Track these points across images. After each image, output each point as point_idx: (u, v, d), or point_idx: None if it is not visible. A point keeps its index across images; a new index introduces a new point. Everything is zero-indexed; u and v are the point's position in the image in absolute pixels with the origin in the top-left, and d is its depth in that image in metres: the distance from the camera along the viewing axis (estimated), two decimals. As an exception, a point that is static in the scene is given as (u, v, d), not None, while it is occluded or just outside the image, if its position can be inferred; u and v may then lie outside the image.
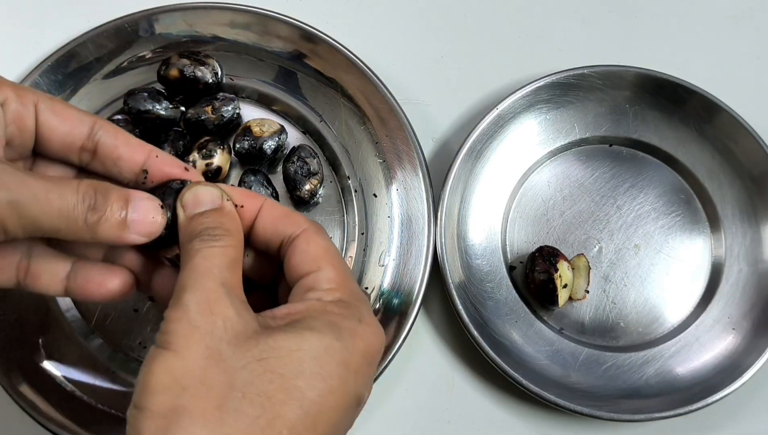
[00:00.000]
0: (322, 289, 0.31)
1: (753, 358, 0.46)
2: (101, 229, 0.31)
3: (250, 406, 0.27)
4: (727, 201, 0.51)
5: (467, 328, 0.46)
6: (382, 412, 0.48)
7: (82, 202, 0.30)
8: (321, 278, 0.32)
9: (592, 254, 0.51)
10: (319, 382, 0.28)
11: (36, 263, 0.33)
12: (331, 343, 0.29)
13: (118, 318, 0.48)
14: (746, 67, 0.56)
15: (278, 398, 0.27)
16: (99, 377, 0.47)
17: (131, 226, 0.31)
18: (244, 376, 0.27)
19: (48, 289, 0.34)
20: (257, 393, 0.27)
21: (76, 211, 0.30)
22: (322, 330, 0.29)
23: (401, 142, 0.50)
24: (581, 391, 0.47)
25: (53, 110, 0.33)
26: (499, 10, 0.57)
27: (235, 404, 0.27)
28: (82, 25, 0.53)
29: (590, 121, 0.53)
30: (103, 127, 0.33)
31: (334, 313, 0.30)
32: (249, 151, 0.49)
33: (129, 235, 0.31)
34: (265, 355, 0.28)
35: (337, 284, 0.32)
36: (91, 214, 0.30)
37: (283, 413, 0.27)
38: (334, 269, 0.32)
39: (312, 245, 0.32)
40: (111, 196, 0.31)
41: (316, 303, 0.31)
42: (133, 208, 0.31)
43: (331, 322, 0.30)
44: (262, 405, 0.27)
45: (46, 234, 0.30)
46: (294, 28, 0.52)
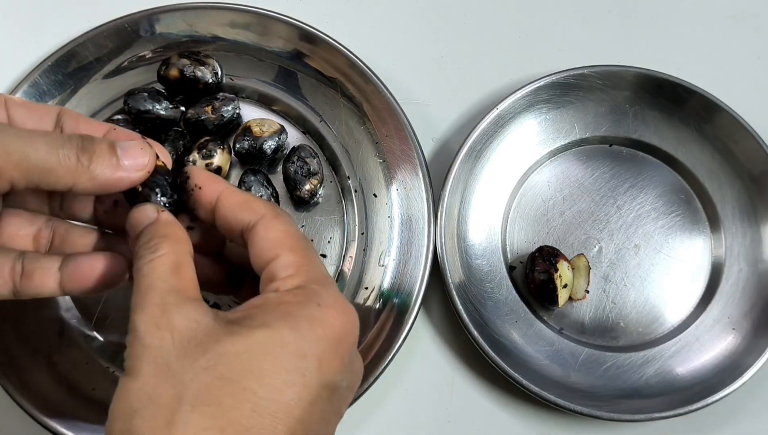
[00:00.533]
0: (280, 277, 0.30)
1: (753, 358, 0.46)
2: (95, 167, 0.30)
3: (199, 418, 0.26)
4: (727, 201, 0.51)
5: (467, 328, 0.46)
6: (382, 412, 0.48)
7: (69, 142, 0.30)
8: (278, 266, 0.31)
9: (592, 254, 0.51)
10: (272, 378, 0.27)
11: (28, 263, 0.33)
12: (284, 336, 0.28)
13: (118, 318, 0.48)
14: (746, 67, 0.56)
15: (228, 404, 0.26)
16: (99, 377, 0.47)
17: (123, 163, 0.31)
18: (193, 389, 0.26)
19: (43, 285, 0.33)
20: (206, 403, 0.26)
21: (65, 148, 0.30)
22: (273, 324, 0.28)
23: (401, 142, 0.50)
24: (581, 391, 0.47)
25: (22, 105, 0.33)
26: (499, 10, 0.57)
27: (184, 419, 0.26)
28: (82, 25, 0.53)
29: (590, 121, 0.53)
30: (66, 113, 0.34)
31: (290, 303, 0.29)
32: (249, 151, 0.49)
33: (123, 171, 0.31)
34: (213, 362, 0.27)
35: (295, 269, 0.30)
36: (82, 153, 0.30)
37: (234, 419, 0.26)
38: (293, 253, 0.31)
39: (270, 231, 0.31)
40: (95, 139, 0.31)
41: (272, 295, 0.30)
42: (121, 149, 0.31)
43: (286, 312, 0.29)
44: (212, 415, 0.26)
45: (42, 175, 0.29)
46: (294, 28, 0.52)
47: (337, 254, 0.50)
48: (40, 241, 0.35)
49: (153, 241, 0.30)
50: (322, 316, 0.29)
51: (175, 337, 0.27)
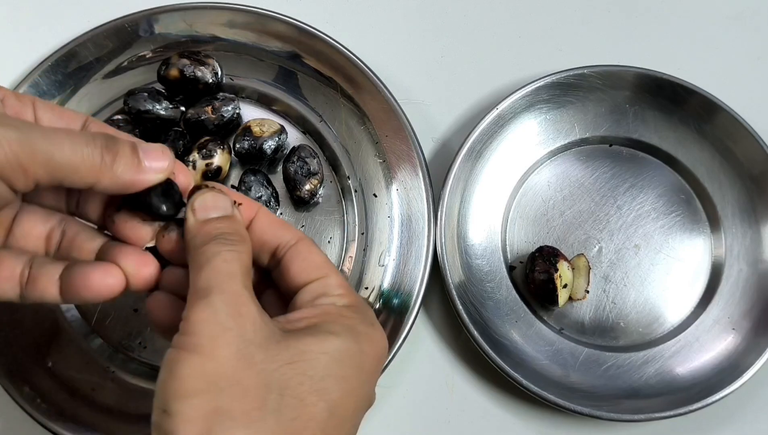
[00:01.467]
0: (333, 294, 0.32)
1: (753, 358, 0.46)
2: (118, 167, 0.31)
3: (287, 408, 0.28)
4: (727, 201, 0.51)
5: (467, 328, 0.46)
6: (382, 412, 0.48)
7: (93, 141, 0.30)
8: (330, 284, 0.32)
9: (592, 254, 0.51)
10: (342, 383, 0.29)
11: (35, 269, 0.33)
12: (351, 347, 0.30)
13: (118, 318, 0.48)
14: (746, 67, 0.56)
15: (310, 400, 0.28)
16: (99, 377, 0.47)
17: (145, 164, 0.31)
18: (278, 379, 0.28)
19: (44, 293, 0.33)
20: (292, 395, 0.28)
21: (89, 147, 0.30)
22: (341, 334, 0.30)
23: (401, 142, 0.50)
24: (581, 391, 0.47)
25: (50, 108, 0.33)
26: (499, 10, 0.57)
27: (275, 405, 0.27)
28: (82, 25, 0.53)
29: (590, 121, 0.53)
30: (93, 122, 0.34)
31: (351, 317, 0.31)
32: (249, 151, 0.49)
33: (144, 173, 0.31)
34: (296, 358, 0.28)
35: (345, 290, 0.33)
36: (106, 152, 0.30)
37: (315, 414, 0.28)
38: (338, 277, 0.33)
39: (314, 254, 0.33)
40: (119, 139, 0.32)
41: (331, 307, 0.32)
42: (142, 150, 0.32)
43: (349, 326, 0.31)
44: (297, 407, 0.28)
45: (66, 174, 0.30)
46: (294, 27, 0.52)
47: (337, 254, 0.50)
48: (51, 242, 0.35)
49: (234, 236, 0.31)
50: (376, 336, 0.32)
51: (256, 328, 0.28)
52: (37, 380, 0.46)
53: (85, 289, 0.33)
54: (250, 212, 0.34)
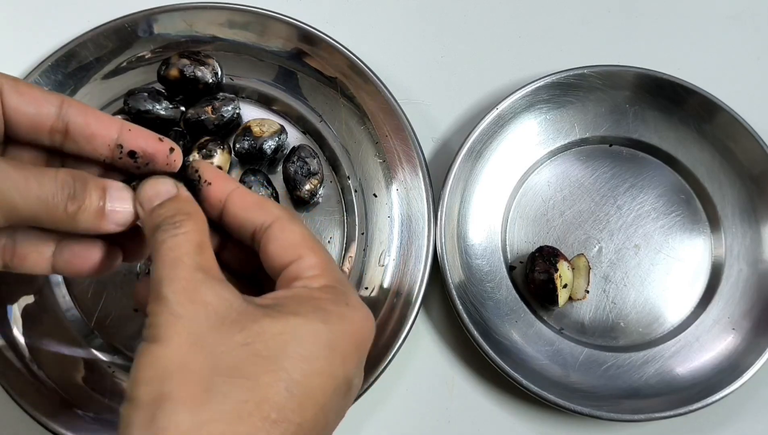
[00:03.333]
0: (306, 276, 0.31)
1: (753, 358, 0.46)
2: (80, 218, 0.31)
3: (236, 390, 0.27)
4: (727, 201, 0.51)
5: (467, 328, 0.46)
6: (382, 412, 0.48)
7: (61, 190, 0.30)
8: (303, 266, 0.31)
9: (592, 254, 0.51)
10: (304, 363, 0.28)
11: (21, 245, 0.33)
12: (318, 327, 0.29)
13: (118, 318, 0.48)
14: (746, 67, 0.56)
15: (264, 381, 0.27)
16: (99, 377, 0.47)
17: (108, 216, 0.32)
18: (229, 361, 0.27)
19: (34, 268, 0.34)
20: (244, 376, 0.27)
21: (55, 199, 0.30)
22: (307, 315, 0.29)
23: (401, 142, 0.50)
24: (581, 391, 0.47)
25: (18, 91, 0.32)
26: (499, 10, 0.57)
27: (221, 388, 0.27)
28: (82, 25, 0.53)
29: (590, 121, 0.53)
30: (71, 105, 0.33)
31: (321, 299, 0.30)
32: (249, 151, 0.49)
33: (106, 224, 0.32)
34: (250, 339, 0.28)
35: (321, 270, 0.31)
36: (71, 203, 0.30)
37: (269, 396, 0.27)
38: (315, 255, 0.32)
39: (287, 233, 0.32)
40: (89, 185, 0.31)
41: (303, 290, 0.31)
42: (109, 197, 0.32)
43: (318, 307, 0.30)
44: (249, 388, 0.27)
45: (26, 222, 0.30)
46: (294, 28, 0.52)
47: (337, 254, 0.50)
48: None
49: (177, 217, 0.31)
50: (351, 316, 0.31)
51: (209, 311, 0.28)
52: (37, 380, 0.46)
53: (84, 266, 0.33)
54: (220, 193, 0.33)
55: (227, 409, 0.27)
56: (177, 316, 0.28)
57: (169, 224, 0.30)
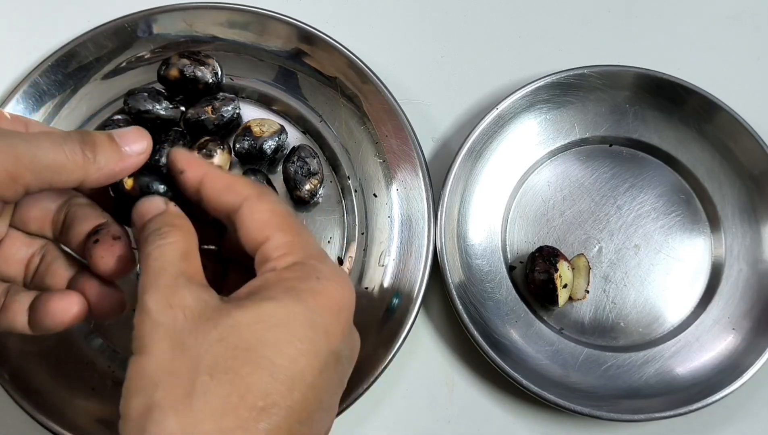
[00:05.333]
0: (274, 257, 0.31)
1: (753, 358, 0.46)
2: (101, 158, 0.31)
3: (218, 386, 0.27)
4: (727, 201, 0.51)
5: (467, 328, 0.46)
6: (382, 412, 0.48)
7: (69, 137, 0.31)
8: (271, 247, 0.31)
9: (592, 254, 0.51)
10: (285, 347, 0.28)
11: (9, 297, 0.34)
12: (292, 308, 0.29)
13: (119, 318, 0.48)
14: (746, 67, 0.56)
15: (245, 371, 0.27)
16: (99, 377, 0.47)
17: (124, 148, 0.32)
18: (208, 360, 0.27)
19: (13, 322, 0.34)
20: (223, 371, 0.27)
21: (68, 143, 0.31)
22: (279, 298, 0.29)
23: (401, 142, 0.50)
24: (581, 391, 0.47)
25: None
26: (499, 10, 0.57)
27: (203, 388, 0.27)
28: (82, 25, 0.53)
29: (590, 121, 0.53)
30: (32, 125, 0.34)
31: (290, 278, 0.30)
32: (249, 151, 0.49)
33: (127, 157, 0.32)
34: (225, 334, 0.28)
35: (289, 248, 0.31)
36: (84, 146, 0.31)
37: (253, 385, 0.27)
38: (282, 233, 0.31)
39: (256, 213, 0.31)
40: (93, 132, 0.32)
41: (271, 274, 0.30)
42: (117, 135, 0.32)
43: (288, 287, 0.29)
44: (231, 382, 0.27)
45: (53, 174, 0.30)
46: (294, 27, 0.52)
47: (337, 254, 0.50)
48: (30, 267, 0.35)
49: (163, 229, 0.31)
50: (324, 288, 0.30)
51: (187, 314, 0.28)
52: (38, 380, 0.46)
53: (47, 316, 0.33)
54: (193, 180, 0.33)
55: (212, 407, 0.27)
56: (157, 324, 0.28)
57: (156, 236, 0.31)
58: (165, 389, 0.27)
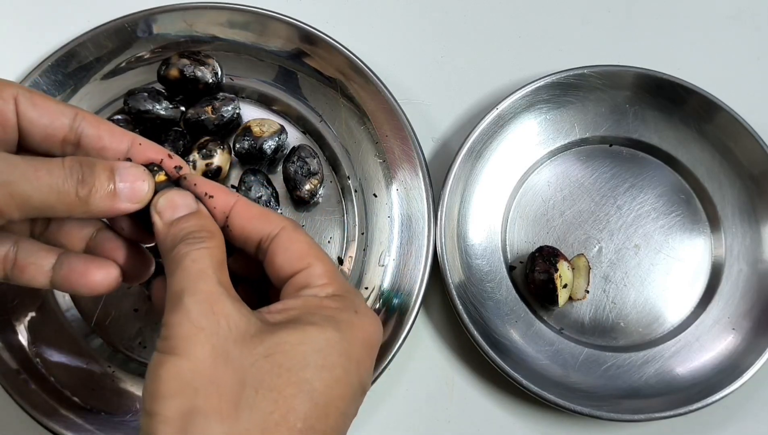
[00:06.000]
0: (316, 285, 0.32)
1: (753, 358, 0.46)
2: (93, 201, 0.31)
3: (263, 402, 0.27)
4: (727, 201, 0.51)
5: (467, 328, 0.46)
6: (382, 412, 0.48)
7: (70, 175, 0.30)
8: (312, 275, 0.32)
9: (592, 254, 0.51)
10: (325, 373, 0.29)
11: (22, 255, 0.34)
12: (332, 336, 0.30)
13: (118, 318, 0.48)
14: (746, 67, 0.56)
15: (289, 392, 0.28)
16: (99, 377, 0.47)
17: (121, 195, 0.32)
18: (254, 374, 0.28)
19: (33, 280, 0.34)
20: (268, 389, 0.28)
21: (66, 184, 0.30)
22: (321, 324, 0.30)
23: (401, 142, 0.50)
24: (581, 391, 0.47)
25: (33, 103, 0.33)
26: (499, 10, 0.57)
27: (249, 401, 0.27)
28: (82, 25, 0.53)
29: (590, 121, 0.53)
30: (84, 118, 0.33)
31: (331, 307, 0.31)
32: (249, 151, 0.49)
33: (120, 203, 0.32)
34: (271, 351, 0.28)
35: (329, 279, 0.32)
36: (81, 187, 0.31)
37: (295, 406, 0.28)
38: (323, 265, 0.32)
39: (295, 243, 0.33)
40: (97, 167, 0.31)
41: (312, 299, 0.31)
42: (120, 177, 0.32)
43: (329, 316, 0.31)
44: (275, 400, 0.28)
45: (41, 212, 0.30)
46: (294, 28, 0.52)
47: (337, 254, 0.50)
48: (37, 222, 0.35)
49: (202, 233, 0.31)
50: (361, 323, 0.32)
51: (231, 325, 0.28)
52: (37, 380, 0.46)
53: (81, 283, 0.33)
54: (224, 206, 0.33)
55: (256, 421, 0.27)
56: (199, 327, 0.28)
57: (194, 238, 0.31)
58: (208, 396, 0.27)
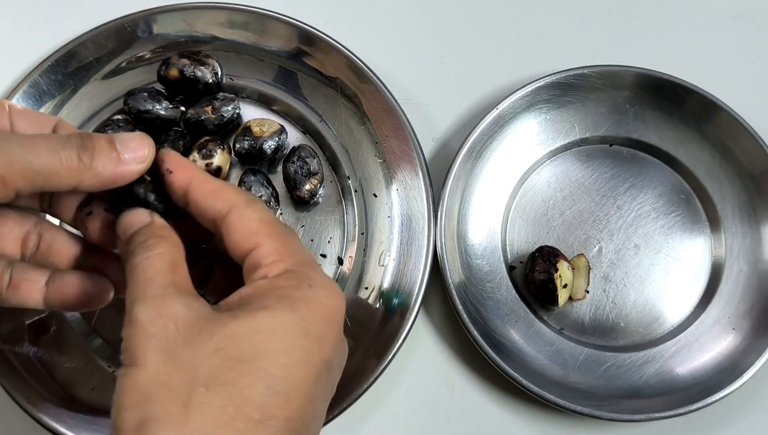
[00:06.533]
0: (265, 264, 0.31)
1: (753, 358, 0.46)
2: (97, 164, 0.31)
3: (215, 398, 0.27)
4: (727, 201, 0.51)
5: (467, 328, 0.46)
6: (382, 412, 0.48)
7: (68, 142, 0.30)
8: (261, 254, 0.31)
9: (592, 254, 0.51)
10: (282, 358, 0.28)
11: (16, 274, 0.34)
12: (287, 317, 0.29)
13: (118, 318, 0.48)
14: (746, 67, 0.56)
15: (242, 383, 0.27)
16: (99, 377, 0.47)
17: (124, 155, 0.31)
18: (205, 371, 0.27)
19: (28, 297, 0.34)
20: (221, 383, 0.27)
21: (65, 149, 0.30)
22: (273, 307, 0.29)
23: (401, 142, 0.50)
24: (581, 391, 0.47)
25: (24, 113, 0.33)
26: (499, 10, 0.57)
27: (200, 399, 0.27)
28: (82, 25, 0.53)
29: (590, 121, 0.53)
30: (62, 125, 0.34)
31: (283, 286, 0.30)
32: (249, 151, 0.49)
33: (126, 165, 0.31)
34: (221, 345, 0.28)
35: (279, 255, 0.31)
36: (83, 152, 0.30)
37: (250, 397, 0.27)
38: (272, 240, 0.31)
39: (245, 220, 0.31)
40: (93, 136, 0.31)
41: (262, 282, 0.30)
42: (118, 141, 0.32)
43: (282, 295, 0.29)
44: (228, 394, 0.27)
45: (46, 180, 0.30)
46: (294, 27, 0.52)
47: (337, 254, 0.50)
48: (27, 245, 0.35)
49: (150, 241, 0.31)
50: (316, 296, 0.30)
51: (179, 325, 0.28)
52: (38, 380, 0.46)
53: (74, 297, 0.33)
54: (181, 181, 0.32)
55: (208, 419, 0.26)
56: (149, 335, 0.27)
57: (143, 248, 0.30)
58: (159, 402, 0.26)
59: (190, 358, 0.27)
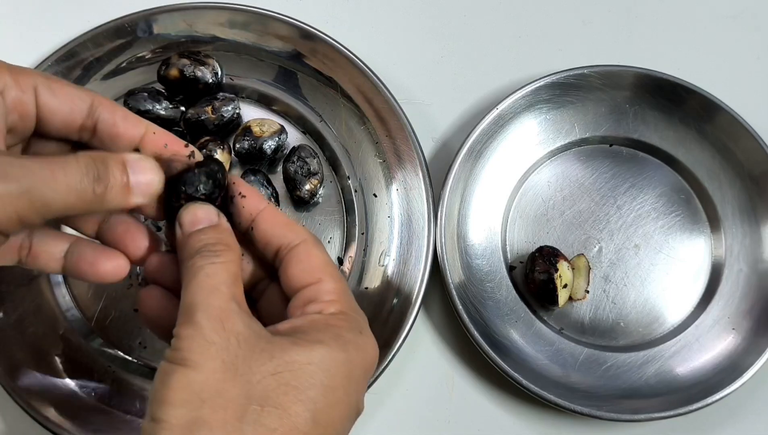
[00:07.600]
0: (323, 300, 0.32)
1: (753, 358, 0.46)
2: (109, 197, 0.31)
3: (268, 418, 0.28)
4: (727, 201, 0.51)
5: (467, 328, 0.46)
6: (382, 412, 0.48)
7: (86, 173, 0.30)
8: (322, 290, 0.33)
9: (592, 254, 0.51)
10: (329, 393, 0.29)
11: (36, 243, 0.34)
12: (338, 356, 0.30)
13: (118, 318, 0.48)
14: (746, 67, 0.56)
15: (293, 410, 0.28)
16: (99, 377, 0.47)
17: (134, 189, 0.32)
18: (260, 390, 0.28)
19: (46, 266, 0.35)
20: (274, 405, 0.28)
21: (83, 183, 0.30)
22: (329, 343, 0.30)
23: (401, 142, 0.50)
24: (581, 391, 0.47)
25: (52, 91, 0.32)
26: (499, 10, 0.57)
27: (254, 416, 0.28)
28: (82, 25, 0.53)
29: (590, 121, 0.53)
30: (102, 103, 0.33)
31: (339, 326, 0.31)
32: (249, 151, 0.49)
33: (133, 198, 0.32)
34: (280, 369, 0.29)
35: (338, 296, 0.33)
36: (97, 184, 0.31)
37: (297, 424, 0.28)
38: (334, 282, 0.33)
39: (312, 257, 0.33)
40: (110, 163, 0.31)
41: (318, 317, 0.32)
42: (131, 170, 0.32)
43: (337, 334, 0.31)
44: (279, 417, 0.28)
45: (60, 213, 0.30)
46: (294, 27, 0.52)
47: (337, 254, 0.50)
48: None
49: (219, 246, 0.31)
50: (365, 344, 0.32)
51: (240, 341, 0.29)
52: (38, 380, 0.46)
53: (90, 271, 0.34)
54: (252, 208, 0.34)
55: None
56: (210, 342, 0.28)
57: (210, 252, 0.31)
58: (214, 408, 0.27)
59: (248, 374, 0.28)
